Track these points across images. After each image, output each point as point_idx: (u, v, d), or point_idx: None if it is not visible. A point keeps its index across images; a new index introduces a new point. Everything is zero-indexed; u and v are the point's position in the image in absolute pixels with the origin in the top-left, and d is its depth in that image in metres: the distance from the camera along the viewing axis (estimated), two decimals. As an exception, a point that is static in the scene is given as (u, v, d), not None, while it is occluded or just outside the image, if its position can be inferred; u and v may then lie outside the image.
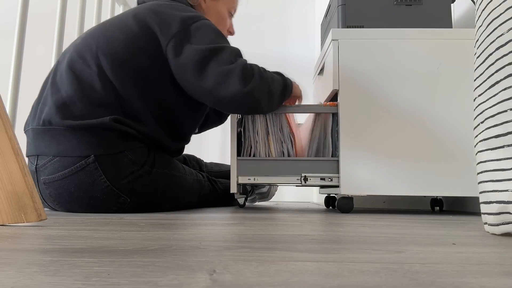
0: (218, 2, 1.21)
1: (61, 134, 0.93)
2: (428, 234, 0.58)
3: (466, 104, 1.10)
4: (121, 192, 0.96)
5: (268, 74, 1.05)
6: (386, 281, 0.27)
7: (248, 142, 1.17)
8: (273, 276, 0.28)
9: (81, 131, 0.93)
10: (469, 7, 1.33)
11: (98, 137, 0.94)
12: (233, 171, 1.13)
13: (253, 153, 1.16)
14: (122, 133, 0.96)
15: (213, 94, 0.98)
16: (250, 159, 1.14)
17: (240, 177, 1.13)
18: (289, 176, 1.12)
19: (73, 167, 0.93)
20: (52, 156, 0.94)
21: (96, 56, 0.97)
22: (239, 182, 1.12)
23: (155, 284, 0.25)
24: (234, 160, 1.13)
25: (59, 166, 0.93)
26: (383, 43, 1.14)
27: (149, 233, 0.53)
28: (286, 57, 2.37)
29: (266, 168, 1.13)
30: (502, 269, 0.32)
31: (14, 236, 0.49)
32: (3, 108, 0.62)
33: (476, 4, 0.65)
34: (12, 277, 0.27)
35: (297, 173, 1.12)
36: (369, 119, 1.11)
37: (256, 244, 0.45)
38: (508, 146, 0.54)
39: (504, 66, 0.55)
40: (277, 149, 1.16)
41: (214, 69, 0.96)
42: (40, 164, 0.95)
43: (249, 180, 1.13)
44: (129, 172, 0.96)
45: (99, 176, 0.93)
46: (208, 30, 1.01)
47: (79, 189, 0.94)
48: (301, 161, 1.13)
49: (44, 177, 0.95)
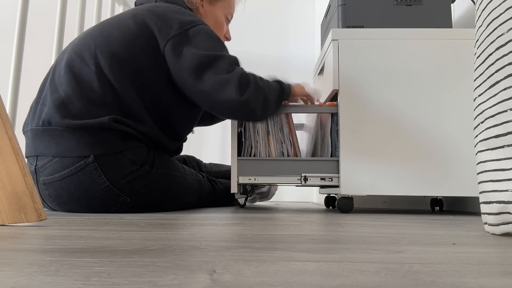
0: (215, 7, 1.22)
1: (60, 134, 0.93)
2: (428, 234, 0.58)
3: (466, 104, 1.10)
4: (121, 192, 0.96)
5: (264, 82, 1.05)
6: (386, 281, 0.27)
7: (248, 142, 1.17)
8: (273, 276, 0.28)
9: (80, 131, 0.93)
10: (469, 7, 1.33)
11: (97, 137, 0.94)
12: (234, 171, 1.13)
13: (253, 153, 1.16)
14: (121, 132, 0.96)
15: (210, 98, 0.99)
16: (251, 159, 1.14)
17: (240, 177, 1.13)
18: (289, 176, 1.12)
19: (72, 168, 0.93)
20: (52, 157, 0.94)
21: (95, 55, 0.97)
22: (240, 182, 1.13)
23: (155, 284, 0.25)
24: (235, 160, 1.14)
25: (58, 167, 0.93)
26: (383, 43, 1.14)
27: (149, 233, 0.53)
28: (286, 57, 2.37)
29: (267, 168, 1.13)
30: (502, 269, 0.32)
31: (14, 236, 0.49)
32: (3, 108, 0.62)
33: (476, 4, 0.65)
34: (12, 277, 0.27)
35: (298, 173, 1.12)
36: (369, 119, 1.11)
37: (256, 244, 0.45)
38: (508, 146, 0.54)
39: (504, 66, 0.55)
40: (277, 149, 1.16)
41: (211, 76, 0.97)
42: (40, 164, 0.95)
43: (249, 180, 1.13)
44: (128, 172, 0.96)
45: (99, 176, 0.93)
46: (207, 36, 1.02)
47: (79, 190, 0.94)
48: (301, 161, 1.13)
49: (44, 177, 0.95)
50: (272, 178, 1.13)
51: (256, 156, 1.15)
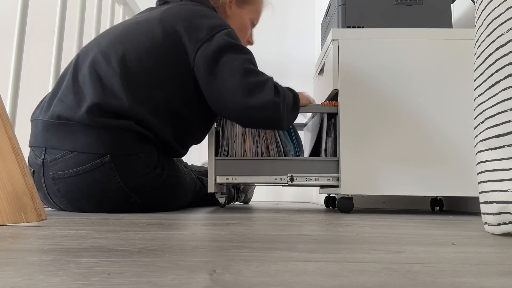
0: (243, 10, 1.22)
1: (78, 130, 0.92)
2: (428, 234, 0.58)
3: (466, 104, 1.10)
4: (132, 192, 0.96)
5: (286, 91, 1.06)
6: (386, 281, 0.27)
7: (226, 142, 1.18)
8: (273, 276, 0.28)
9: (99, 129, 0.92)
10: (469, 7, 1.33)
11: (116, 137, 0.93)
12: (211, 170, 1.13)
13: (230, 153, 1.17)
14: (139, 135, 0.96)
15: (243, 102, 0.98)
16: (228, 159, 1.15)
17: (218, 176, 1.14)
18: (269, 176, 1.13)
19: (88, 165, 0.92)
20: (67, 151, 0.92)
21: (123, 60, 0.97)
22: (218, 181, 1.14)
23: (155, 284, 0.25)
24: (212, 160, 1.14)
25: (72, 163, 0.92)
26: (383, 43, 1.14)
27: (149, 233, 0.53)
28: (286, 57, 2.37)
29: (245, 168, 1.14)
30: (502, 269, 0.32)
31: (14, 236, 0.49)
32: (3, 108, 0.62)
33: (476, 4, 0.65)
34: (12, 277, 0.27)
35: (284, 173, 1.12)
36: (369, 119, 1.11)
37: (256, 244, 0.45)
38: (508, 146, 0.54)
39: (504, 66, 0.55)
40: (252, 148, 1.17)
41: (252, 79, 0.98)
42: (49, 158, 0.94)
43: (227, 180, 1.13)
44: (142, 174, 0.97)
45: (114, 176, 0.93)
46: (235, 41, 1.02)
47: (92, 188, 0.93)
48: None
49: (54, 172, 0.94)
50: (250, 178, 1.13)
51: (232, 156, 1.16)
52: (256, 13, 1.26)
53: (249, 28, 1.26)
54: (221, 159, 1.14)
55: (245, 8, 1.23)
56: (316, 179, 1.13)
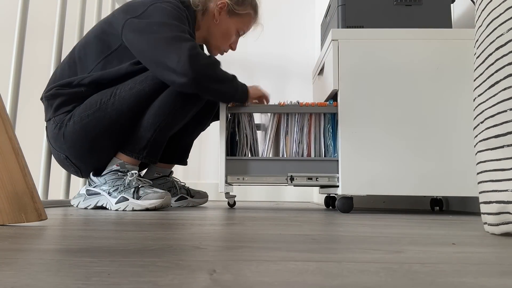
0: (231, 19, 1.26)
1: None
2: (428, 234, 0.58)
3: (466, 104, 1.10)
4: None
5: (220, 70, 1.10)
6: (386, 281, 0.27)
7: (243, 141, 1.19)
8: (273, 276, 0.28)
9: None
10: (469, 7, 1.33)
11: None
12: (222, 170, 1.15)
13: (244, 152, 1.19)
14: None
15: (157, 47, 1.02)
16: (240, 159, 1.15)
17: (229, 176, 1.15)
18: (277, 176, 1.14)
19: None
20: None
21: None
22: (228, 181, 1.16)
23: (155, 284, 0.25)
24: (223, 160, 1.15)
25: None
26: (383, 43, 1.14)
27: (149, 233, 0.53)
28: (286, 57, 2.37)
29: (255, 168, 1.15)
30: (502, 269, 0.32)
31: (14, 236, 0.49)
32: (3, 108, 0.62)
33: (476, 4, 0.65)
34: (12, 277, 0.27)
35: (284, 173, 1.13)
36: (369, 119, 1.11)
37: (256, 244, 0.45)
38: (507, 146, 0.54)
39: (504, 66, 0.55)
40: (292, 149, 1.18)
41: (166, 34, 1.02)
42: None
43: (237, 180, 1.16)
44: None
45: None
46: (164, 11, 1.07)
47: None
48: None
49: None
50: (260, 178, 1.15)
51: (246, 156, 1.17)
52: (244, 25, 1.30)
53: (233, 36, 1.30)
54: (232, 159, 1.16)
55: (233, 19, 1.27)
56: (316, 179, 1.13)
